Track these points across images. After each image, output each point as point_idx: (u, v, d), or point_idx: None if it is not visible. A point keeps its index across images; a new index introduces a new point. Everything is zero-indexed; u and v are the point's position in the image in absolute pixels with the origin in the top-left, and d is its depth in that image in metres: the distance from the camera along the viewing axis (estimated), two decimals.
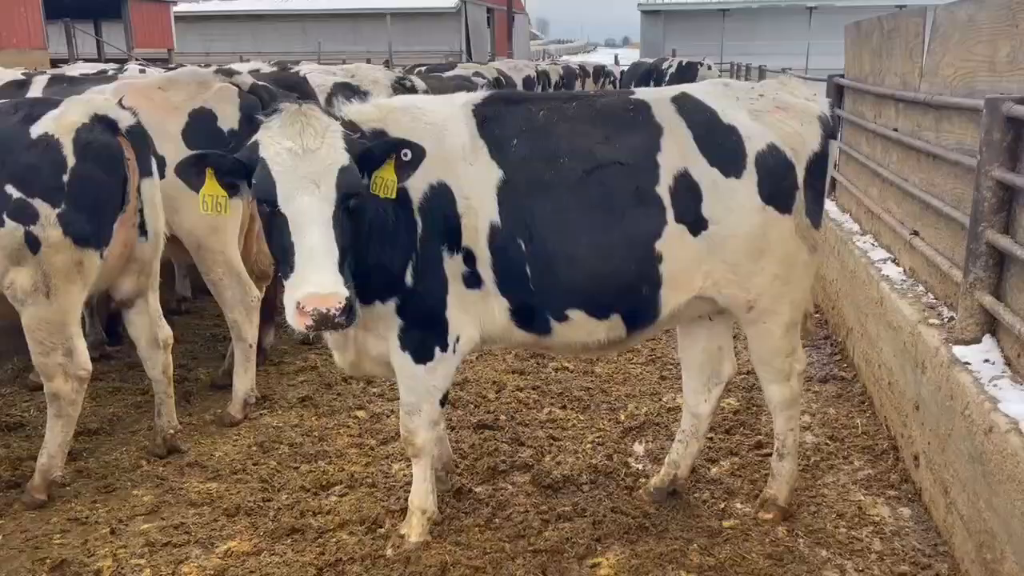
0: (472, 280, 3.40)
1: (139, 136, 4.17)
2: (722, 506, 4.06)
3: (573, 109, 3.55)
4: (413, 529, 3.76)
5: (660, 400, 5.31)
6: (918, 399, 4.07)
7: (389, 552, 3.69)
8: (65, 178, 3.88)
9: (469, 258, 3.37)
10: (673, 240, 3.43)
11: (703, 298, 3.60)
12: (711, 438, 4.67)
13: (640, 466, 4.50)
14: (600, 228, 3.38)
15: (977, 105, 3.80)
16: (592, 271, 3.40)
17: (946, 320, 4.14)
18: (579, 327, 3.53)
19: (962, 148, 4.30)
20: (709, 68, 20.70)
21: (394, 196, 3.17)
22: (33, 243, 3.87)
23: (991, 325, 3.71)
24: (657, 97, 3.60)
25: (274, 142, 2.99)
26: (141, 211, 4.24)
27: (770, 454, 4.51)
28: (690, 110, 3.53)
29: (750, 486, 4.23)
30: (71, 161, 3.89)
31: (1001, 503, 3.02)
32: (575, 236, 3.38)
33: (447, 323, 3.44)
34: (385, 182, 3.11)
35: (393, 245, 3.30)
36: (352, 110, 3.38)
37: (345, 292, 2.91)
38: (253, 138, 3.09)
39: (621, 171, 3.40)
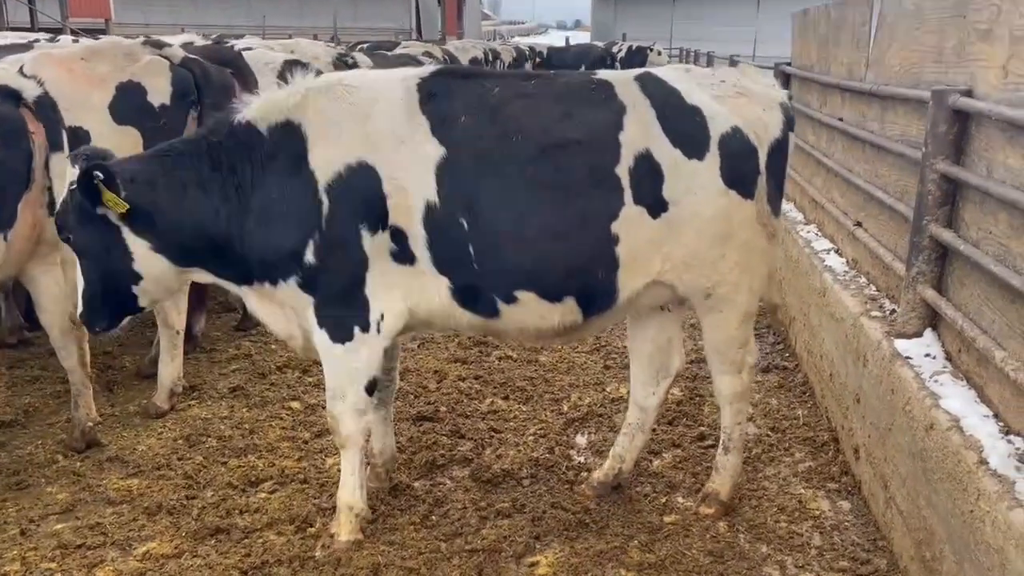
0: (402, 256, 3.32)
1: (47, 107, 3.88)
2: (663, 501, 3.99)
3: (531, 87, 3.47)
4: (342, 527, 3.60)
5: (604, 390, 5.23)
6: (859, 392, 4.05)
7: (318, 553, 3.53)
8: None
9: (398, 235, 3.29)
10: (631, 222, 3.34)
11: (662, 283, 3.50)
12: (653, 430, 4.58)
13: (582, 459, 4.41)
14: (552, 207, 3.28)
15: (923, 96, 3.77)
16: (543, 251, 3.30)
17: (888, 313, 4.13)
18: (530, 310, 3.41)
19: (907, 140, 4.27)
20: (659, 53, 20.71)
21: (123, 209, 3.20)
22: None
23: (933, 319, 3.69)
24: (621, 77, 3.51)
25: None
26: (50, 189, 3.95)
27: (713, 446, 4.47)
28: (654, 89, 3.44)
29: (692, 479, 4.17)
30: None
31: (940, 501, 2.99)
32: (525, 215, 3.28)
33: (366, 301, 3.34)
34: (113, 202, 3.19)
35: (284, 225, 3.25)
36: (259, 105, 3.33)
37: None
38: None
39: (578, 149, 3.31)
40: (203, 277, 3.54)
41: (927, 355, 3.56)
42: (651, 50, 20.82)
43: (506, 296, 3.38)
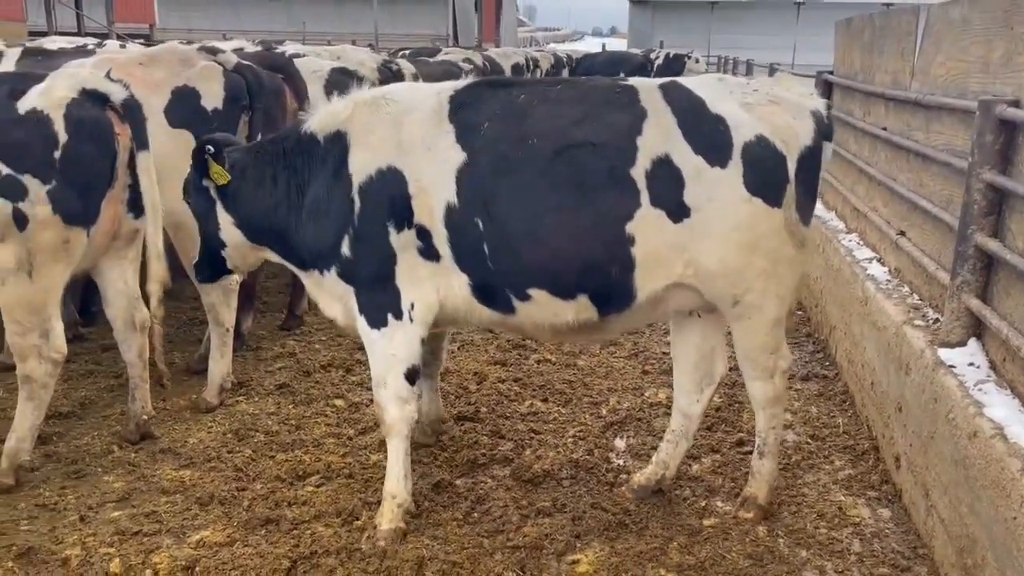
0: (428, 253, 3.58)
1: (134, 109, 4.08)
2: (703, 504, 4.03)
3: (557, 92, 3.60)
4: (383, 516, 3.72)
5: (642, 395, 5.28)
6: (901, 400, 4.06)
7: (364, 545, 3.63)
8: (56, 154, 3.83)
9: (423, 233, 3.55)
10: (648, 224, 3.41)
11: (686, 287, 3.55)
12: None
13: (621, 462, 4.47)
14: (564, 208, 3.42)
15: (970, 107, 3.78)
16: (554, 250, 3.45)
17: (931, 322, 4.13)
18: (543, 307, 3.57)
19: (952, 149, 4.28)
20: (696, 61, 20.63)
21: (225, 179, 3.76)
22: (21, 220, 3.80)
23: (977, 328, 3.69)
24: (646, 84, 3.58)
25: None
26: (131, 187, 4.14)
27: (751, 452, 4.50)
28: (677, 97, 3.49)
29: (731, 484, 4.21)
30: (62, 137, 3.83)
31: (983, 508, 3.01)
32: (537, 215, 3.43)
33: (397, 291, 3.61)
34: (218, 174, 3.77)
35: (327, 221, 3.63)
36: (319, 116, 3.75)
37: None
38: None
39: (593, 151, 3.42)
40: (273, 257, 3.98)
41: (971, 364, 3.56)
42: (689, 58, 20.75)
43: (520, 294, 3.56)
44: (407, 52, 13.07)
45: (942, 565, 3.42)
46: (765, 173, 3.44)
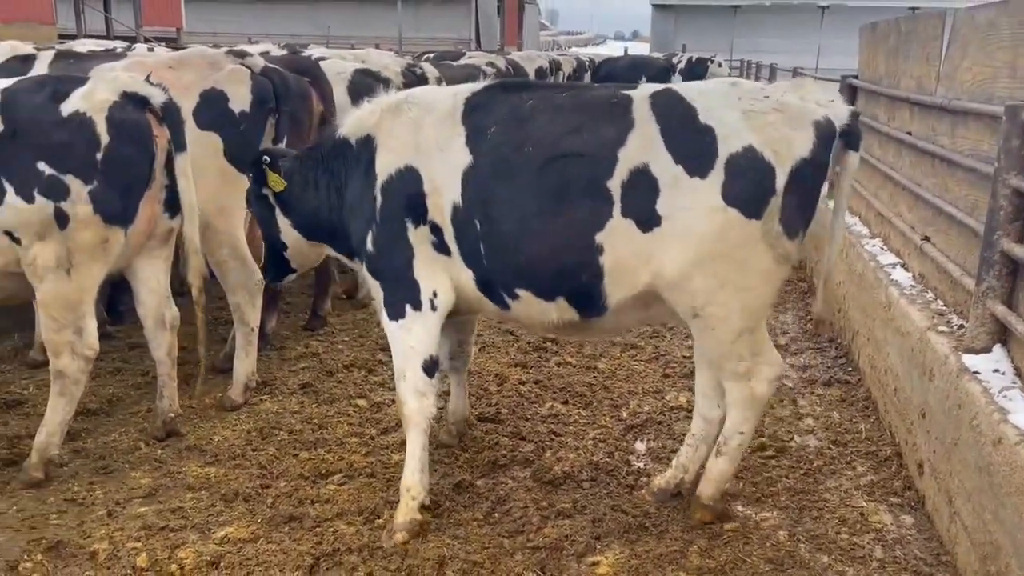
0: (441, 248, 3.76)
1: (173, 112, 4.18)
2: (722, 508, 4.02)
3: (561, 99, 3.66)
4: (399, 510, 3.79)
5: (663, 398, 5.28)
6: (924, 406, 4.04)
7: (384, 540, 3.67)
8: (99, 155, 3.93)
9: (436, 229, 3.73)
10: (617, 233, 3.46)
11: (656, 296, 3.56)
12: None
13: (641, 464, 4.48)
14: (541, 214, 3.52)
15: (996, 112, 3.76)
16: (532, 254, 3.57)
17: (956, 328, 4.11)
18: (530, 305, 3.72)
19: (978, 154, 4.25)
20: (719, 65, 20.54)
21: (281, 186, 4.06)
22: (62, 219, 3.90)
23: (1002, 335, 3.67)
24: (640, 93, 3.57)
25: None
26: (166, 187, 4.24)
27: (773, 457, 4.52)
28: (665, 107, 3.47)
29: (752, 488, 4.20)
30: (104, 139, 3.93)
31: (1008, 515, 2.99)
32: (520, 220, 3.55)
33: (415, 283, 3.78)
34: (275, 181, 4.06)
35: (357, 217, 3.87)
36: (351, 122, 3.97)
37: None
38: None
39: (577, 162, 3.48)
40: (331, 252, 4.29)
41: (996, 371, 3.54)
42: (711, 61, 20.67)
43: (510, 292, 3.72)
44: (430, 56, 13.14)
45: (965, 572, 3.40)
46: (747, 184, 3.34)
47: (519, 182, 3.55)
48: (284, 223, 4.19)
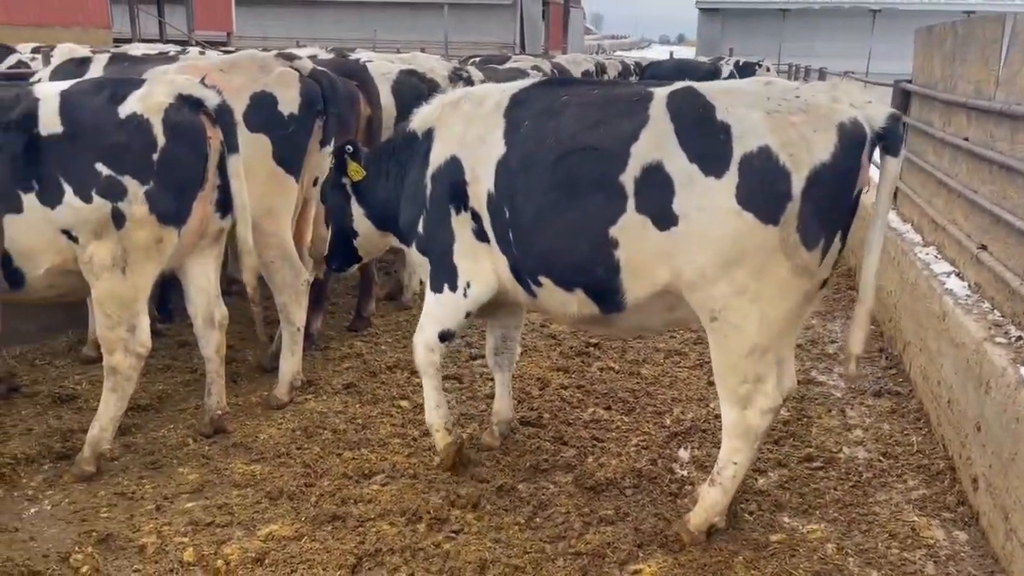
0: (481, 235, 3.98)
1: (227, 114, 4.26)
2: (769, 519, 3.96)
3: (591, 95, 3.73)
4: (435, 444, 4.37)
5: (707, 406, 5.21)
6: (980, 420, 3.92)
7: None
8: (155, 157, 4.01)
9: (476, 217, 3.96)
10: (632, 229, 3.46)
11: (676, 296, 3.52)
12: (760, 448, 4.54)
13: (685, 473, 4.42)
14: (559, 205, 3.62)
15: None
16: (550, 243, 3.69)
17: (1014, 339, 3.99)
18: (552, 295, 3.84)
19: None
20: (768, 70, 20.26)
21: (361, 175, 4.40)
22: (119, 219, 3.99)
23: None
24: (661, 91, 3.55)
25: None
26: (219, 188, 4.32)
27: (821, 468, 4.43)
28: (681, 104, 3.42)
29: (799, 500, 4.12)
30: (160, 140, 4.01)
31: None
32: (541, 210, 3.67)
33: (456, 267, 4.06)
34: (355, 171, 4.41)
35: (412, 203, 4.19)
36: (418, 117, 4.27)
37: None
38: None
39: (592, 156, 3.55)
40: (395, 242, 4.56)
41: None
42: (759, 66, 20.40)
43: (534, 279, 3.86)
44: (476, 59, 13.18)
45: None
46: (761, 187, 3.22)
47: (539, 173, 3.67)
48: (358, 212, 4.50)
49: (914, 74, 7.41)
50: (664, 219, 3.39)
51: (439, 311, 4.16)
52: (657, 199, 3.39)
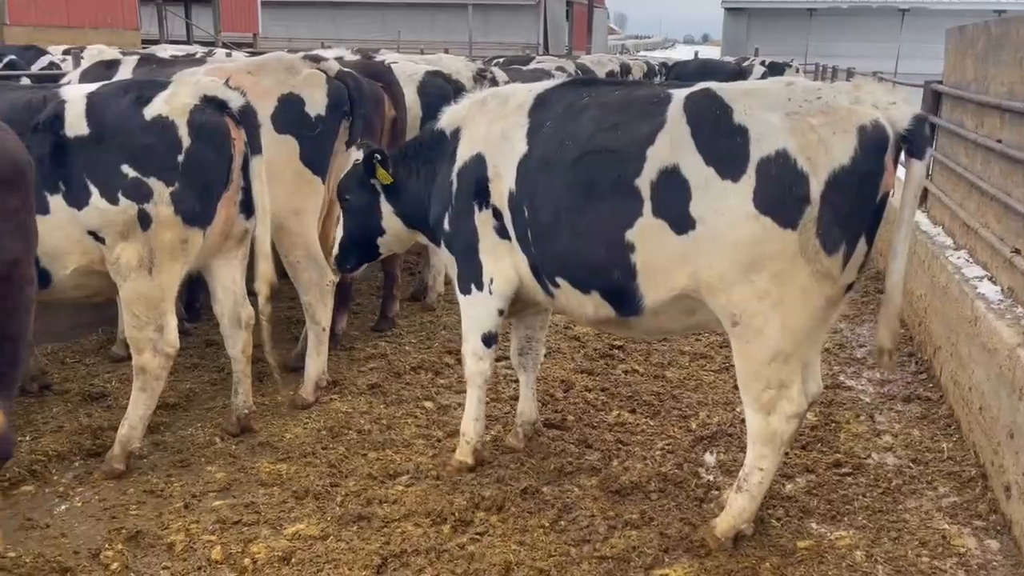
0: (502, 232, 4.01)
1: (251, 116, 4.28)
2: (796, 525, 3.92)
3: (612, 96, 3.71)
4: (459, 450, 4.37)
5: (733, 410, 5.16)
6: (1013, 427, 3.86)
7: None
8: (180, 158, 4.04)
9: (497, 214, 3.99)
10: (649, 233, 3.44)
11: (696, 300, 3.49)
12: (787, 453, 4.48)
13: (711, 477, 4.39)
14: (575, 207, 3.63)
15: None
16: (566, 244, 3.71)
17: None
18: (569, 296, 3.86)
19: None
20: (796, 71, 20.06)
21: (389, 181, 4.37)
22: (145, 220, 4.03)
23: None
24: (679, 93, 3.52)
25: None
26: (243, 189, 4.34)
27: (850, 474, 4.38)
28: (698, 107, 3.38)
29: (827, 506, 4.08)
30: (186, 142, 4.04)
31: None
32: (557, 211, 3.69)
33: (480, 263, 4.10)
34: (383, 176, 4.38)
35: (440, 200, 4.22)
36: (446, 116, 4.32)
37: None
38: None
39: (608, 158, 3.54)
40: (422, 239, 4.58)
41: None
42: (788, 66, 20.17)
43: (551, 279, 3.89)
44: (500, 60, 13.18)
45: None
46: (780, 191, 3.17)
47: (558, 174, 3.69)
48: (387, 209, 4.50)
49: (945, 75, 7.31)
50: (681, 223, 3.37)
51: (474, 313, 4.20)
52: (674, 203, 3.36)
